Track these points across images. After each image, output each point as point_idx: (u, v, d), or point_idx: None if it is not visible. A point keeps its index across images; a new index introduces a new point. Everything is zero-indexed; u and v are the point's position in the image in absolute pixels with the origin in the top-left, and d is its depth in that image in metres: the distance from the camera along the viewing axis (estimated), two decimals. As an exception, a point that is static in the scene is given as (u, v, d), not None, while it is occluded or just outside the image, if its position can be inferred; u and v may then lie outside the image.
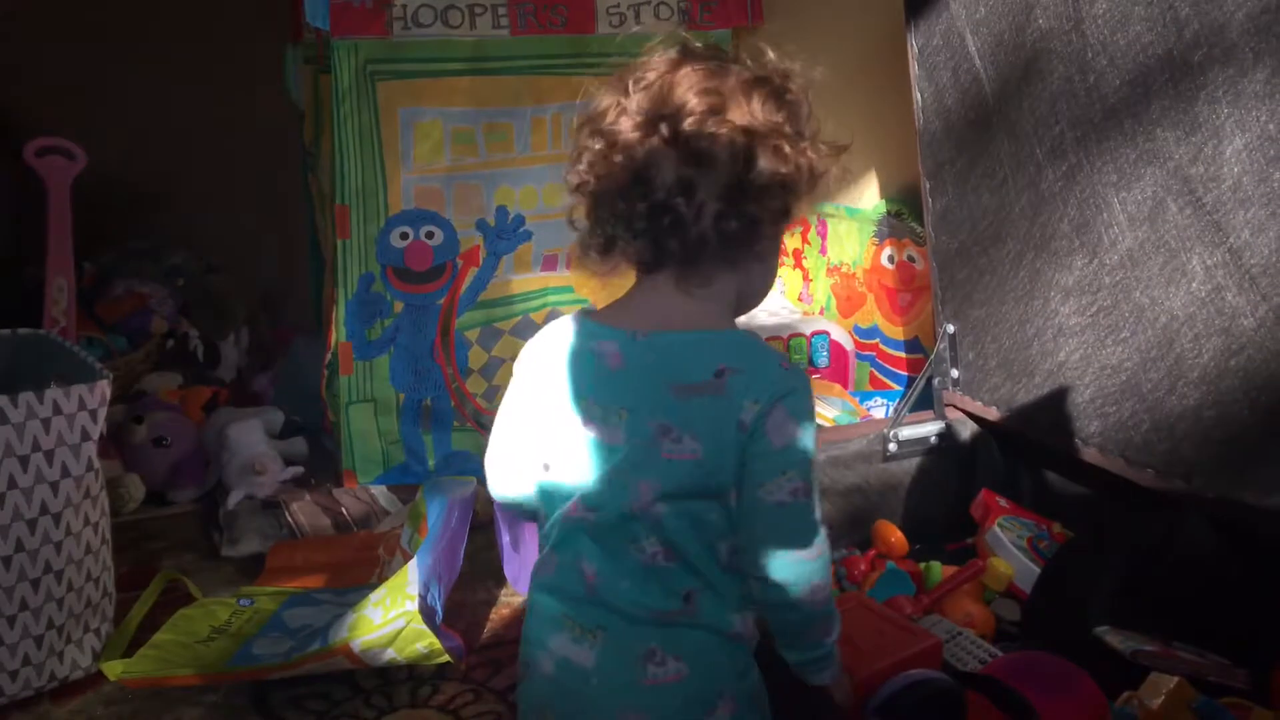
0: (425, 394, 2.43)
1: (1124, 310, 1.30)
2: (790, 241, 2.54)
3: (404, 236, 2.35)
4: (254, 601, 1.84)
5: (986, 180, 1.47)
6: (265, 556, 2.07)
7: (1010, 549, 1.40)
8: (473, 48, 2.32)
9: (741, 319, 0.99)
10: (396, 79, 2.29)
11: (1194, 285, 1.19)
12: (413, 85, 2.30)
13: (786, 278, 2.57)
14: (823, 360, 2.23)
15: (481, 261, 2.42)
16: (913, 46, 1.55)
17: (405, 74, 2.29)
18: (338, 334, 2.36)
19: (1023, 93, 1.36)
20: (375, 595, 1.64)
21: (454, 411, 2.46)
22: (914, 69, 1.56)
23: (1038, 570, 1.37)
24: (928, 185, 1.56)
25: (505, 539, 1.97)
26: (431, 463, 2.46)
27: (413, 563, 1.64)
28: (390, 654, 1.62)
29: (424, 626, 1.60)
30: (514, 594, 1.92)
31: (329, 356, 2.48)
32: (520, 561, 1.89)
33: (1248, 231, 1.10)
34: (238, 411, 2.57)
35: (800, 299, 2.50)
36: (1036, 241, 1.41)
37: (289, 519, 2.23)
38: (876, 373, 2.28)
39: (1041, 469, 1.50)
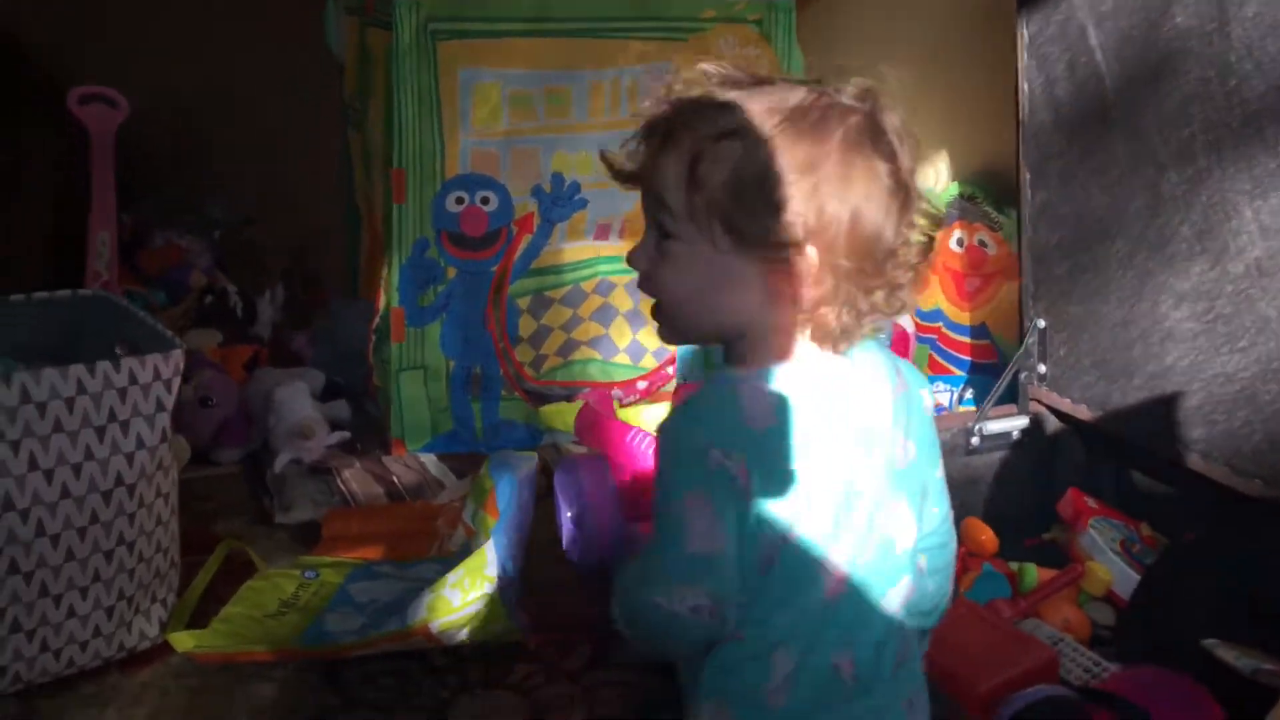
0: (475, 362, 2.40)
1: (1245, 320, 1.28)
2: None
3: (459, 201, 2.31)
4: (318, 574, 1.82)
5: (1097, 177, 1.44)
6: (319, 524, 2.05)
7: (1107, 552, 1.38)
8: (535, 7, 2.27)
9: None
10: (457, 39, 2.23)
11: (1331, 300, 1.17)
12: (473, 45, 2.24)
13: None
14: (882, 342, 2.21)
15: (536, 228, 2.38)
16: (1023, 35, 1.51)
17: (466, 34, 2.23)
18: (389, 299, 2.32)
19: (1149, 91, 1.33)
20: (453, 576, 1.62)
21: (502, 380, 2.44)
22: (1022, 58, 1.52)
23: (1135, 575, 1.36)
24: (1028, 177, 1.52)
25: (566, 514, 1.95)
26: (479, 431, 2.44)
27: (489, 543, 1.62)
28: (465, 633, 1.60)
29: (503, 609, 1.58)
30: (580, 570, 1.90)
31: (377, 320, 2.44)
32: (584, 538, 1.88)
33: (1400, 250, 1.08)
34: (281, 372, 2.53)
35: (856, 276, 2.47)
36: (1150, 243, 1.38)
37: (341, 486, 2.21)
38: (937, 356, 2.25)
39: (1129, 470, 1.49)
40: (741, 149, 0.85)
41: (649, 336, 2.55)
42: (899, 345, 2.22)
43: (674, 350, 2.56)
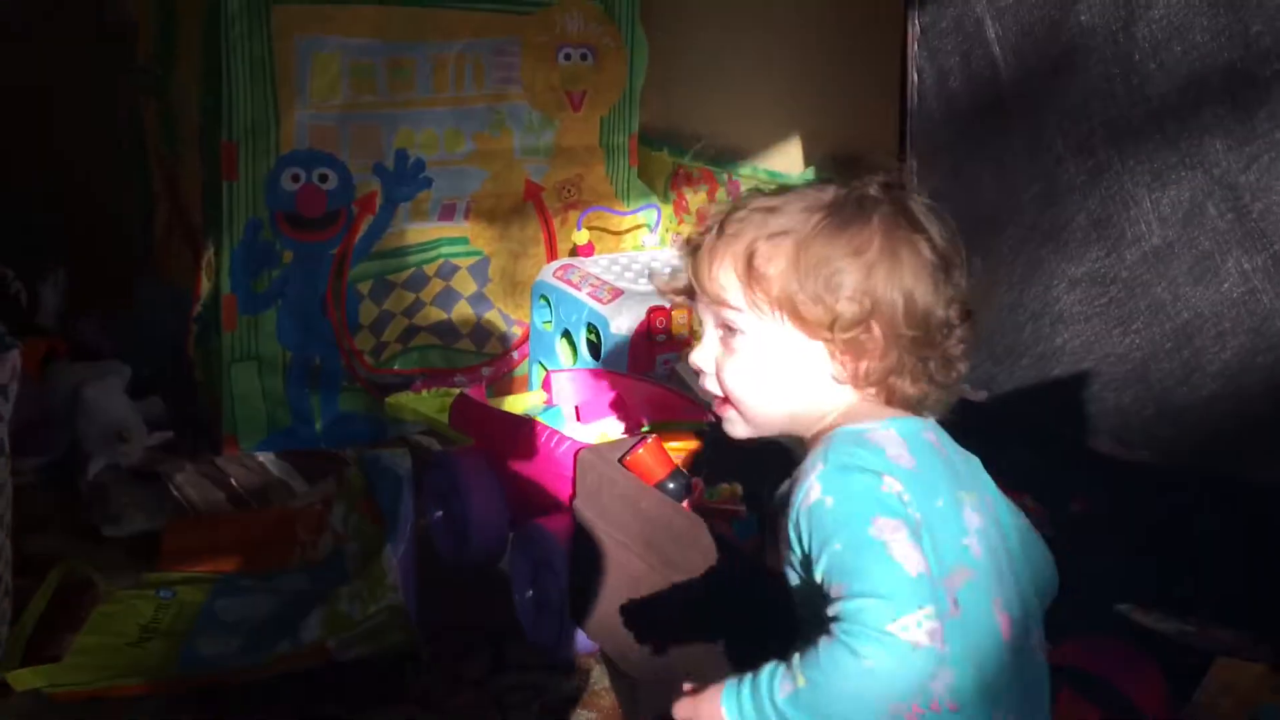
0: (314, 351, 2.25)
1: (1139, 303, 1.37)
2: (695, 199, 2.51)
3: (295, 179, 2.14)
4: (175, 593, 1.65)
5: (989, 168, 1.50)
6: (155, 535, 1.86)
7: (1010, 526, 1.46)
8: (379, -27, 2.13)
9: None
10: (294, 3, 2.06)
11: (1225, 286, 1.27)
12: (313, 11, 2.08)
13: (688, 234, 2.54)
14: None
15: (378, 209, 2.25)
16: (914, 25, 1.55)
17: (303, -2, 2.07)
18: (220, 285, 2.13)
19: (1049, 86, 1.40)
20: (347, 590, 1.51)
21: (344, 371, 2.29)
22: (913, 48, 1.56)
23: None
24: (914, 165, 1.57)
25: (438, 514, 1.86)
26: (319, 426, 2.29)
27: (388, 552, 1.51)
28: (362, 649, 1.50)
29: (406, 620, 1.49)
30: (462, 572, 1.82)
31: (198, 308, 2.24)
32: (467, 536, 1.79)
33: (1294, 239, 1.19)
34: (84, 367, 2.27)
35: (702, 258, 2.49)
36: (1044, 231, 1.46)
37: (175, 493, 2.01)
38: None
39: (1011, 446, 1.57)
40: (792, 242, 0.90)
41: (494, 320, 2.47)
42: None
43: (521, 335, 2.50)
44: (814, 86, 2.18)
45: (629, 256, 2.42)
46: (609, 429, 1.85)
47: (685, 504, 1.38)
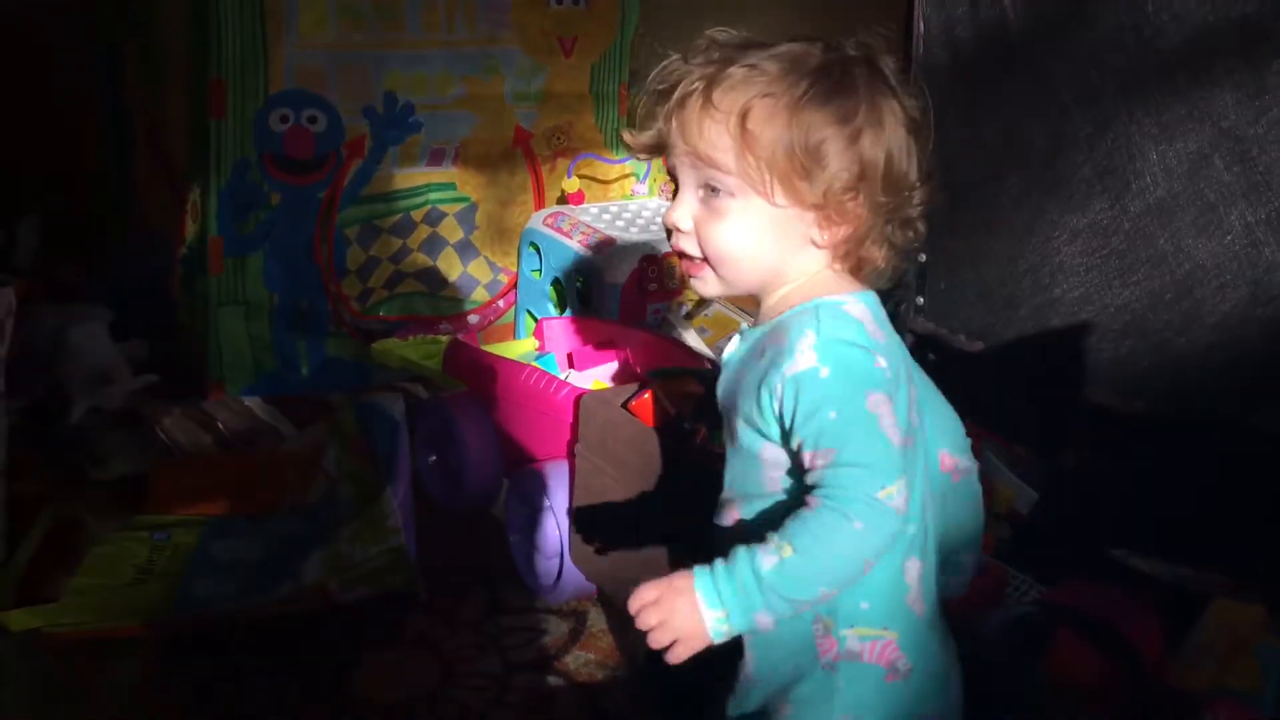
0: (300, 296, 2.22)
1: (1140, 255, 1.39)
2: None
3: (284, 120, 2.10)
4: (169, 535, 1.64)
5: (993, 118, 1.50)
6: (145, 479, 1.85)
7: (1006, 472, 1.48)
8: (367, -95, 2.08)
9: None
10: (283, -65, 2.01)
11: (1228, 239, 1.29)
12: (302, -54, 2.03)
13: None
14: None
15: (367, 152, 2.22)
16: (922, -26, 1.54)
17: (293, -71, 2.02)
18: (206, 226, 2.09)
19: (1059, 38, 1.40)
20: (347, 531, 1.50)
21: (330, 315, 2.27)
22: (919, -3, 1.56)
23: (1034, 493, 1.46)
24: (918, 114, 1.56)
25: (431, 458, 1.86)
26: (305, 370, 2.27)
27: (388, 494, 1.51)
28: (362, 589, 1.50)
29: (408, 562, 1.49)
30: (454, 517, 1.82)
31: (183, 250, 2.20)
32: (461, 481, 1.80)
33: (1302, 194, 1.21)
34: (64, 310, 2.23)
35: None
36: (1046, 182, 1.47)
37: (162, 436, 1.99)
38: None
39: (1010, 395, 1.59)
40: (784, 107, 0.88)
41: (480, 268, 2.45)
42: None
43: (507, 283, 2.48)
44: (812, 32, 2.16)
45: (619, 205, 2.41)
46: (602, 376, 1.85)
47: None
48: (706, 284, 0.94)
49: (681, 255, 0.95)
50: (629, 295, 2.13)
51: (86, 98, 2.62)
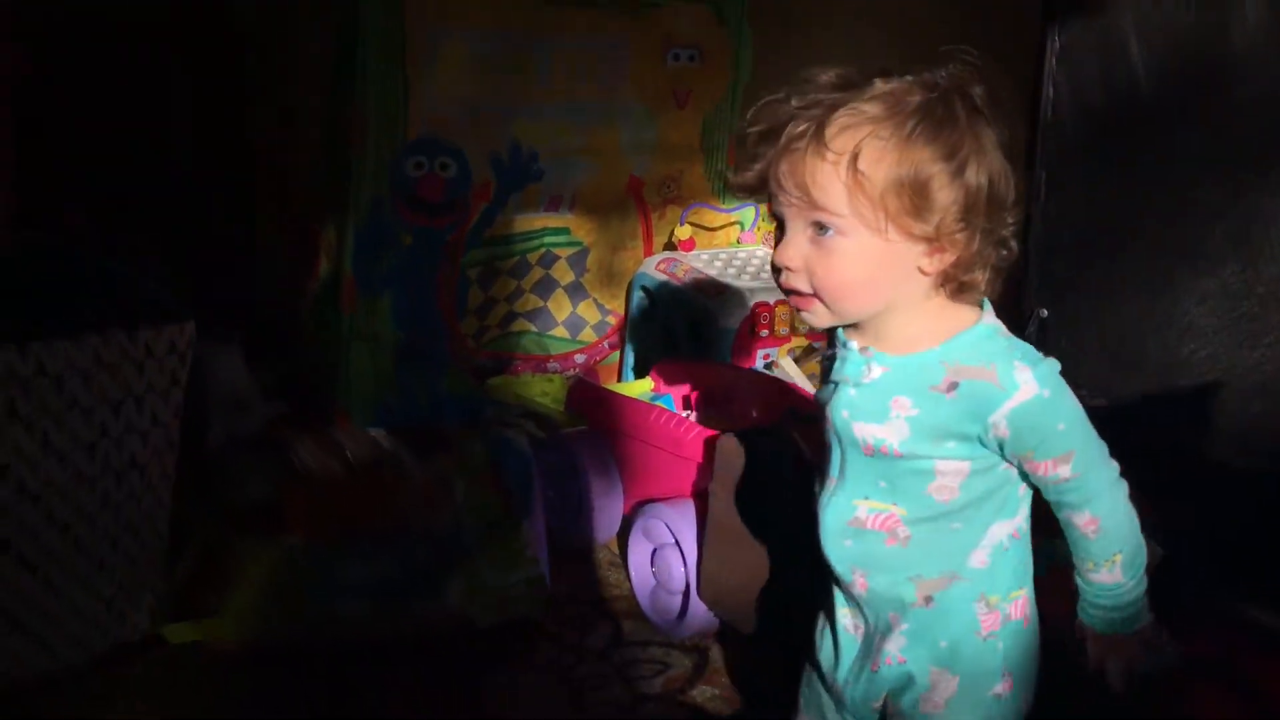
0: (424, 333, 2.32)
1: (1272, 320, 1.42)
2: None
3: (419, 166, 2.21)
4: (310, 554, 1.72)
5: (1121, 180, 1.55)
6: (281, 502, 1.93)
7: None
8: (503, -30, 2.19)
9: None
10: (426, -6, 2.13)
11: (1364, 306, 1.32)
12: (442, 2, 2.15)
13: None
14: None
15: (492, 198, 2.32)
16: (1054, 41, 1.61)
17: (437, -12, 2.14)
18: (343, 264, 2.20)
19: (1192, 103, 1.45)
20: (486, 558, 1.57)
21: (448, 353, 2.36)
22: (1050, 63, 1.62)
23: (1160, 549, 1.49)
24: (1043, 175, 1.62)
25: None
26: (423, 404, 2.36)
27: (525, 524, 1.58)
28: (497, 615, 1.57)
29: (544, 591, 1.56)
30: (575, 550, 1.88)
31: (315, 285, 2.32)
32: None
33: None
34: (201, 338, 2.35)
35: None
36: (1175, 246, 1.51)
37: (296, 462, 2.08)
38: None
39: (1133, 453, 1.61)
40: (894, 147, 0.91)
41: (589, 310, 2.54)
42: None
43: (614, 325, 2.56)
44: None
45: (729, 253, 2.48)
46: (722, 417, 1.91)
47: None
48: (817, 316, 0.98)
49: (790, 292, 0.99)
50: (741, 339, 2.19)
51: (215, 136, 2.77)
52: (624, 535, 1.81)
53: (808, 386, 2.07)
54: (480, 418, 2.38)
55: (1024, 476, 0.99)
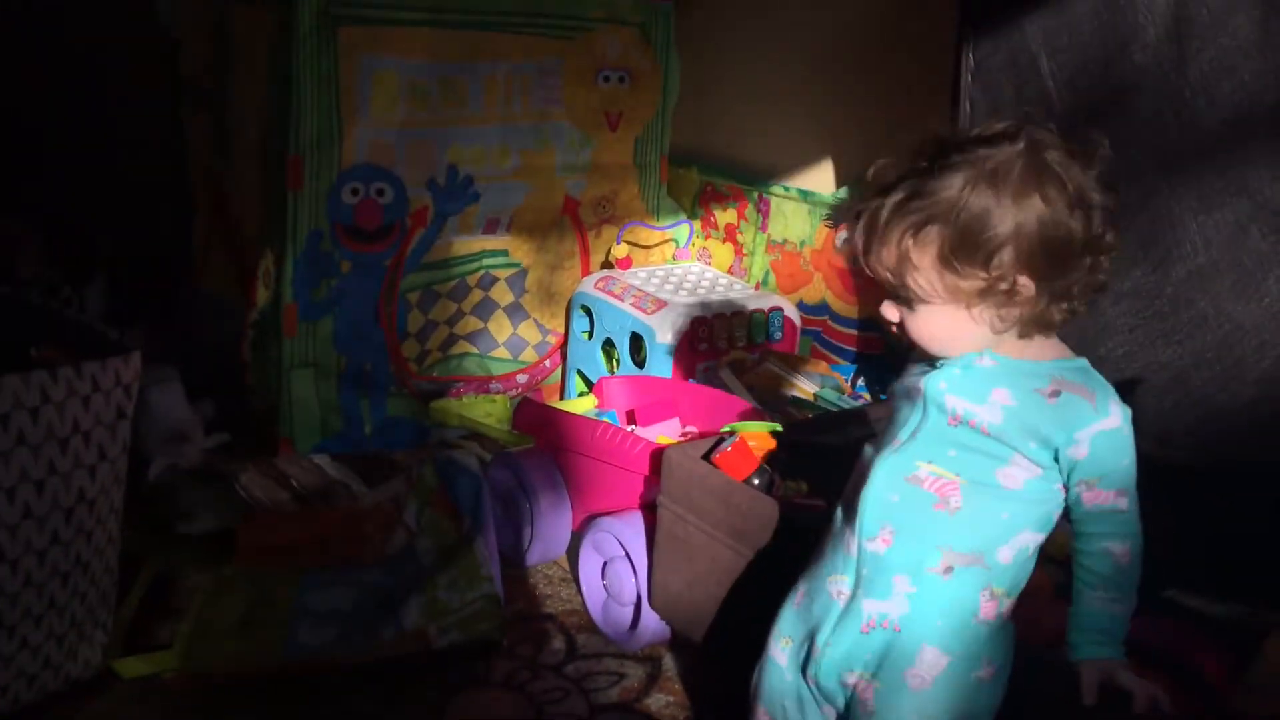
0: (366, 358, 2.33)
1: (1182, 317, 1.50)
2: (723, 216, 2.63)
3: (355, 193, 2.23)
4: (267, 586, 1.72)
5: (1039, 190, 1.61)
6: (228, 534, 1.93)
7: (1063, 522, 1.58)
8: (435, -2, 2.23)
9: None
10: (359, 24, 2.16)
11: (1266, 301, 1.41)
12: (375, 32, 2.18)
13: (716, 251, 2.66)
14: (778, 335, 2.35)
15: (429, 222, 2.34)
16: (968, 59, 1.68)
17: (368, 20, 2.16)
18: (282, 293, 2.21)
19: (1101, 118, 1.53)
20: (443, 579, 1.59)
21: (392, 377, 2.38)
22: (965, 80, 1.69)
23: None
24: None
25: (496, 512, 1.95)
26: (368, 429, 2.37)
27: (479, 544, 1.61)
28: (455, 635, 1.59)
29: (500, 609, 1.58)
30: (526, 566, 1.91)
31: (254, 315, 2.31)
32: (531, 535, 1.89)
33: (1337, 262, 1.33)
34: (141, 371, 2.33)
35: (731, 271, 2.60)
36: (1090, 250, 1.58)
37: (242, 492, 2.08)
38: (819, 347, 2.42)
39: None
40: (937, 231, 1.04)
41: (529, 330, 2.57)
42: (788, 335, 2.37)
43: (554, 345, 2.59)
44: (843, 111, 2.30)
45: (665, 270, 2.53)
46: (666, 431, 1.96)
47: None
48: (918, 352, 1.12)
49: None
50: (681, 354, 2.24)
51: (152, 168, 2.76)
52: (574, 550, 1.84)
53: (748, 398, 2.12)
54: (425, 441, 2.40)
55: (1071, 506, 1.10)
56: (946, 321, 1.07)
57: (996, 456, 1.08)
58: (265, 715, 1.51)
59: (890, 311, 1.11)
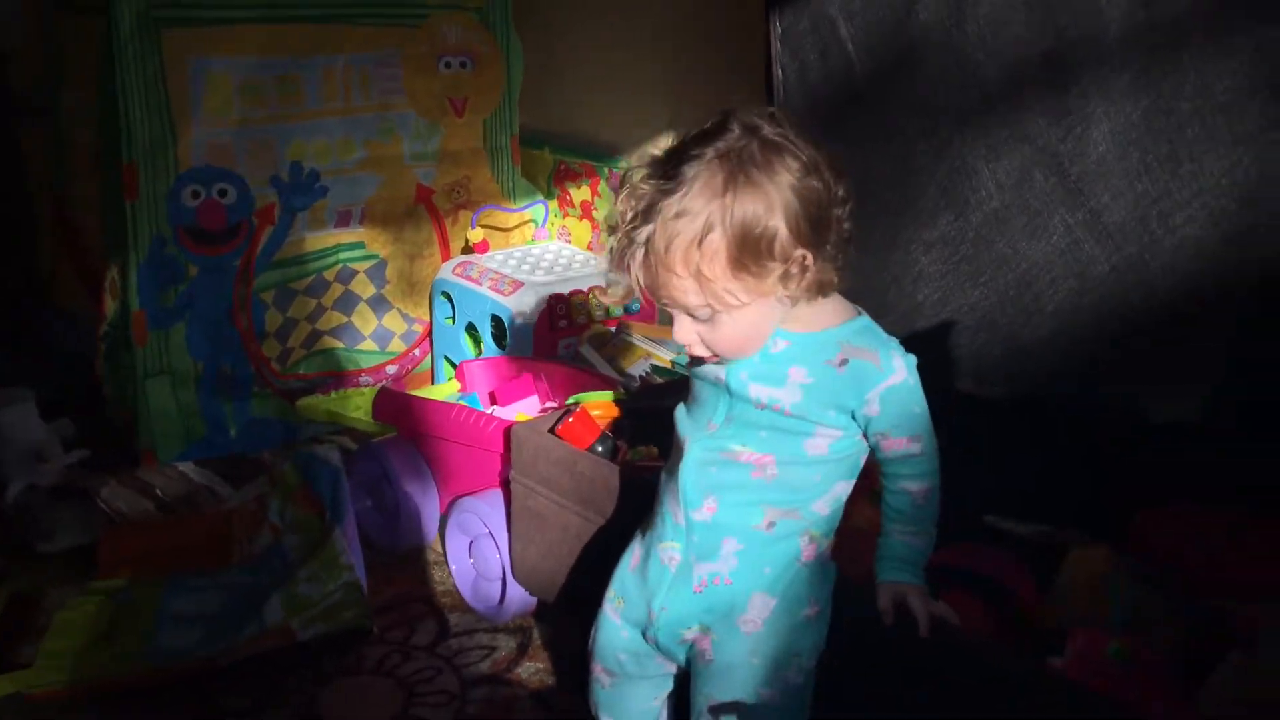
0: (224, 361, 2.32)
1: (985, 259, 1.60)
2: (577, 194, 2.68)
3: (195, 195, 2.21)
4: (130, 595, 1.72)
5: (850, 151, 1.70)
6: (92, 549, 1.92)
7: (892, 460, 1.67)
8: (262, -7, 2.21)
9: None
10: (184, 26, 2.13)
11: (1054, 239, 1.51)
12: (200, 33, 2.16)
13: (574, 228, 2.70)
14: (636, 306, 2.41)
15: (277, 219, 2.33)
16: (775, 27, 1.74)
17: (192, 20, 2.14)
18: (128, 302, 2.18)
19: (897, 76, 1.61)
20: (304, 572, 1.62)
21: (254, 378, 2.37)
22: (775, 47, 1.76)
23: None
24: (786, 152, 1.76)
25: (368, 502, 1.98)
26: (233, 432, 2.36)
27: (338, 533, 1.63)
28: (320, 627, 1.61)
29: (362, 596, 1.61)
30: (398, 553, 1.94)
31: (104, 327, 2.29)
32: (397, 521, 1.92)
33: (1107, 196, 1.43)
34: (-11, 394, 2.29)
35: (590, 247, 2.65)
36: (898, 204, 1.67)
37: (104, 506, 2.06)
38: (676, 314, 2.49)
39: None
40: (719, 236, 1.05)
41: (394, 320, 2.58)
42: (647, 305, 2.44)
43: (422, 333, 2.61)
44: (682, 82, 2.36)
45: (523, 251, 2.57)
46: (526, 408, 2.00)
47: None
48: (727, 360, 1.14)
49: (699, 359, 1.14)
50: (541, 333, 2.28)
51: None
52: (443, 532, 1.87)
53: (609, 371, 2.18)
54: (295, 439, 2.40)
55: (873, 450, 1.16)
56: (753, 318, 1.09)
57: (801, 432, 1.13)
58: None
59: (688, 333, 1.11)
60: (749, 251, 1.05)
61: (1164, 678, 1.12)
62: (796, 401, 1.12)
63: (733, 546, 1.16)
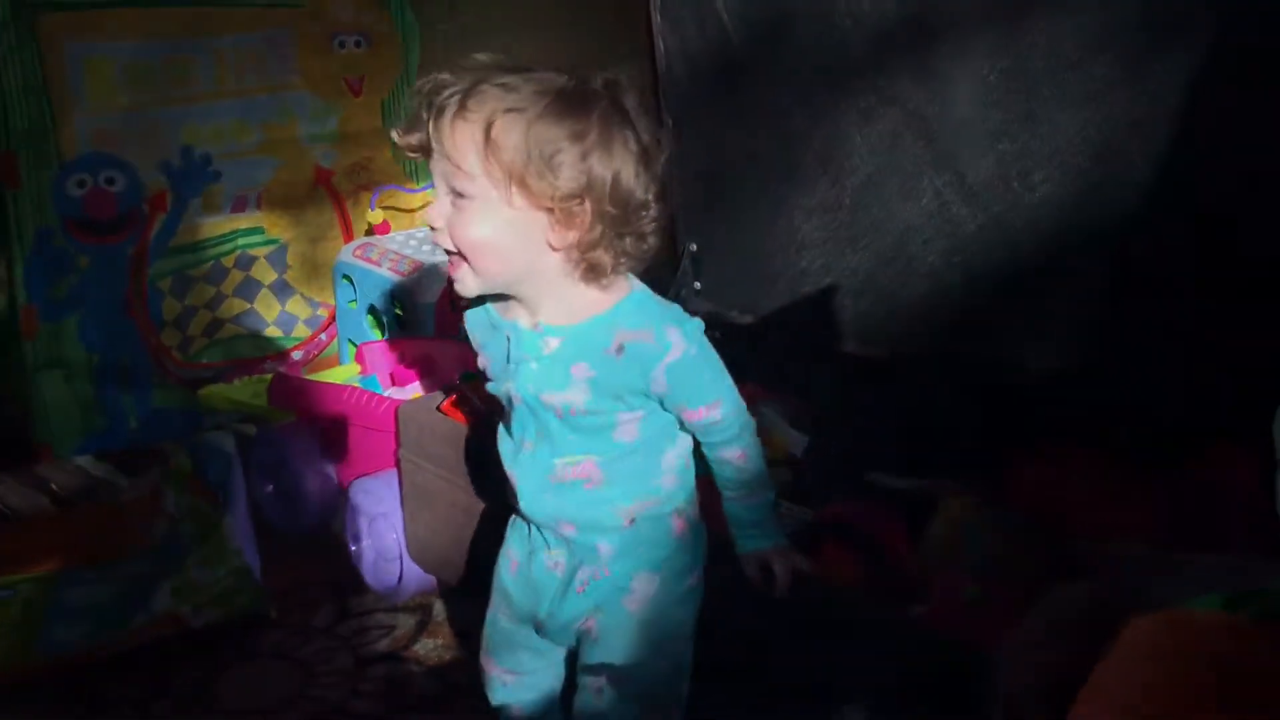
0: (121, 352, 2.28)
1: (863, 224, 1.63)
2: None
3: (81, 184, 2.17)
4: (15, 591, 1.69)
5: (732, 122, 1.72)
6: (-17, 546, 1.89)
7: (781, 424, 1.70)
8: (142, -25, 2.17)
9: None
10: (59, 10, 2.09)
11: (925, 201, 1.54)
12: (80, 17, 2.11)
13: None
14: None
15: (170, 206, 2.30)
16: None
17: (68, 5, 2.10)
18: (16, 296, 2.14)
19: (771, 46, 1.63)
20: (193, 559, 1.60)
21: (153, 368, 2.34)
22: (656, 20, 1.77)
23: (803, 438, 1.69)
24: (670, 123, 1.78)
25: (268, 488, 1.97)
26: (134, 423, 2.32)
27: (227, 519, 1.62)
28: (213, 613, 1.61)
29: (253, 581, 1.60)
30: (300, 536, 1.94)
31: (-8, 321, 2.24)
32: (294, 504, 1.91)
33: (971, 157, 1.46)
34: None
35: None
36: (781, 172, 1.70)
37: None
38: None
39: (778, 357, 1.82)
40: (525, 120, 1.00)
41: (298, 305, 2.56)
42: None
43: (327, 317, 2.59)
44: (574, 56, 2.36)
45: (424, 231, 2.55)
46: (424, 388, 2.00)
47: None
48: (465, 283, 1.07)
49: (447, 253, 1.07)
50: (442, 313, 2.28)
51: None
52: (342, 514, 1.87)
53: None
54: (198, 428, 2.37)
55: (683, 424, 1.12)
56: (495, 222, 1.03)
57: (605, 426, 1.10)
58: (25, 716, 1.50)
59: (436, 215, 1.06)
60: (544, 154, 1.00)
61: (1015, 618, 1.16)
62: (587, 399, 1.08)
63: (607, 549, 1.14)
